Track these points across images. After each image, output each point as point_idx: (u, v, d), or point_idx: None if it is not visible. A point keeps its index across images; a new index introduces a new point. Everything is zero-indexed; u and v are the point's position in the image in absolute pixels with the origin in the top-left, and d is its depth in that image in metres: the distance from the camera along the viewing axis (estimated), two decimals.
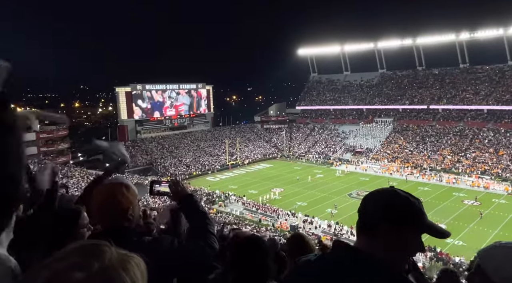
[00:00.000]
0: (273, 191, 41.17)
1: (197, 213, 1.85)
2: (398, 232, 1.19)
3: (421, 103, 61.19)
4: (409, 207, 1.22)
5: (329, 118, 70.41)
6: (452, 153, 49.94)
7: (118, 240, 1.51)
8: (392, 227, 1.18)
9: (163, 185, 2.01)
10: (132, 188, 1.74)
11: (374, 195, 1.27)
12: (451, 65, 65.01)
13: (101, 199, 1.67)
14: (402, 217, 1.19)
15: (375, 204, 1.23)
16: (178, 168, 53.25)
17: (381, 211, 1.20)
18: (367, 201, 1.26)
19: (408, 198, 1.23)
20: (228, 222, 31.22)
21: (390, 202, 1.21)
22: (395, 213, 1.19)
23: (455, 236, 27.72)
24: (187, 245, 1.70)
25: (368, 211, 1.23)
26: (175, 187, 1.94)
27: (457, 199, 36.80)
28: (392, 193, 1.25)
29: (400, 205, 1.21)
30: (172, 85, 67.97)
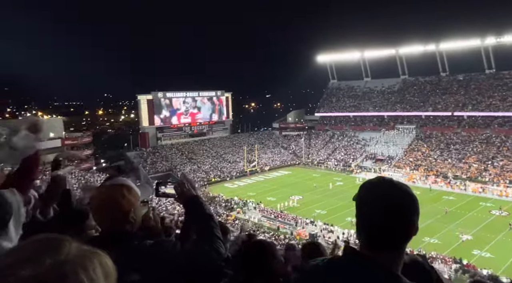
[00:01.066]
0: (292, 198, 40.80)
1: (203, 215, 1.76)
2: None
3: (445, 110, 59.47)
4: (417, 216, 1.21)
5: (349, 125, 69.45)
6: (478, 161, 48.13)
7: (118, 244, 1.48)
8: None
9: (168, 186, 1.95)
10: (134, 189, 1.67)
11: (397, 206, 1.16)
12: (477, 71, 63.06)
13: (100, 201, 1.61)
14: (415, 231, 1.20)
15: (402, 221, 1.16)
16: (197, 174, 53.72)
17: (406, 231, 1.17)
18: (390, 215, 1.14)
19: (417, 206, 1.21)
20: (247, 229, 31.13)
21: (413, 217, 1.18)
22: (415, 230, 1.19)
23: (482, 247, 26.56)
24: (191, 249, 1.61)
25: (392, 229, 1.14)
26: (181, 188, 1.87)
27: (484, 209, 35.31)
28: (414, 201, 1.19)
29: (416, 215, 1.20)
30: (192, 93, 68.99)
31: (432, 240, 28.11)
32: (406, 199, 1.17)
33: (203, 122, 69.54)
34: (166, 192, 1.96)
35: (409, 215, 1.17)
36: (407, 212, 1.17)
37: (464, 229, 29.97)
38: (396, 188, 1.18)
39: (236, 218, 34.92)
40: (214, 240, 1.65)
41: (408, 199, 1.18)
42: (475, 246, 26.87)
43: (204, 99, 70.32)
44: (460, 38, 61.39)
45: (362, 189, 1.23)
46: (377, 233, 1.15)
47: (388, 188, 1.18)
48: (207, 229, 1.69)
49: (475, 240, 27.92)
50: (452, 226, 30.94)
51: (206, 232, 1.68)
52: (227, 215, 35.44)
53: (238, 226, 30.31)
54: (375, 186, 1.21)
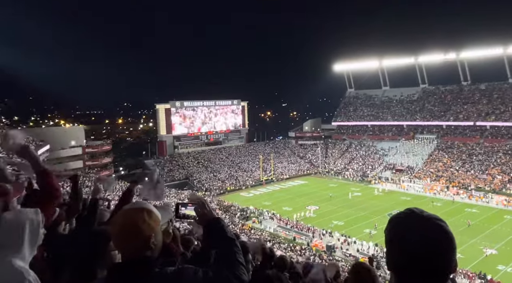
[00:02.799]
0: (308, 208, 40.29)
1: (224, 239, 1.67)
2: None
3: (467, 120, 57.87)
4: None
5: (367, 135, 68.45)
6: (502, 173, 46.39)
7: (139, 271, 1.47)
8: None
9: (188, 208, 1.90)
10: (155, 213, 1.62)
11: (434, 248, 1.09)
12: (499, 80, 61.29)
13: (120, 226, 1.56)
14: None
15: (439, 257, 1.09)
16: (213, 182, 53.92)
17: (443, 272, 1.10)
18: (426, 257, 1.07)
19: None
20: (262, 238, 30.86)
21: (451, 256, 1.11)
22: (455, 268, 1.12)
23: (508, 262, 25.40)
24: (212, 276, 1.53)
25: (427, 270, 1.08)
26: (201, 210, 1.79)
27: (509, 223, 33.87)
28: (451, 239, 1.12)
29: (454, 253, 1.14)
30: (209, 102, 69.80)
31: None
32: (443, 238, 1.10)
33: (219, 131, 70.05)
34: (187, 213, 1.91)
35: (447, 254, 1.09)
36: (445, 252, 1.09)
37: (489, 243, 28.78)
38: (431, 226, 1.10)
39: (252, 228, 34.70)
40: (236, 266, 1.57)
41: (445, 237, 1.10)
42: (500, 261, 25.72)
43: (220, 108, 70.95)
44: (482, 46, 59.96)
45: (392, 225, 1.18)
46: (408, 272, 1.09)
47: (422, 222, 1.11)
48: (229, 254, 1.62)
49: (500, 255, 26.74)
50: (475, 239, 29.77)
51: (228, 258, 1.60)
52: (243, 224, 35.26)
53: (254, 236, 30.10)
54: (404, 219, 1.15)
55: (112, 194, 33.88)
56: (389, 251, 1.16)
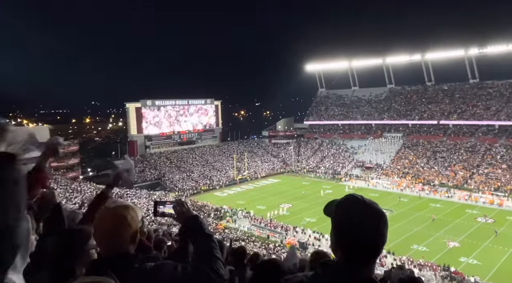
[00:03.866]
0: (281, 206, 40.74)
1: (202, 236, 1.73)
2: None
3: (431, 119, 60.66)
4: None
5: (338, 133, 70.13)
6: (463, 169, 49.06)
7: (121, 267, 1.49)
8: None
9: (167, 206, 1.94)
10: (136, 210, 1.69)
11: (372, 224, 1.30)
12: (461, 81, 64.67)
13: (110, 223, 1.61)
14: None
15: (377, 232, 1.30)
16: (186, 182, 53.27)
17: (379, 245, 1.30)
18: (366, 232, 1.28)
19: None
20: (236, 238, 30.89)
21: (384, 232, 1.32)
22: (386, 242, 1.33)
23: (469, 254, 26.91)
24: (191, 271, 1.58)
25: (368, 244, 1.28)
26: (180, 208, 1.84)
27: (470, 216, 35.88)
28: (384, 217, 1.33)
29: (386, 229, 1.34)
30: (181, 101, 68.81)
31: (420, 247, 28.36)
32: (374, 215, 1.31)
33: (192, 130, 69.26)
34: (165, 211, 1.95)
35: (382, 230, 1.31)
36: (377, 226, 1.30)
37: (451, 236, 30.35)
38: (369, 207, 1.32)
39: (226, 227, 34.62)
40: (214, 261, 1.63)
41: (376, 214, 1.31)
42: (462, 253, 27.20)
43: (193, 107, 70.15)
44: (445, 48, 63.07)
45: (338, 208, 1.36)
46: (356, 248, 1.28)
47: (362, 207, 1.31)
48: (207, 249, 1.67)
49: (462, 247, 28.28)
50: (439, 233, 31.31)
51: (206, 253, 1.66)
52: (217, 224, 35.11)
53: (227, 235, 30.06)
54: (344, 205, 1.36)
55: (78, 196, 32.70)
56: (335, 235, 1.34)
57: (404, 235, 30.88)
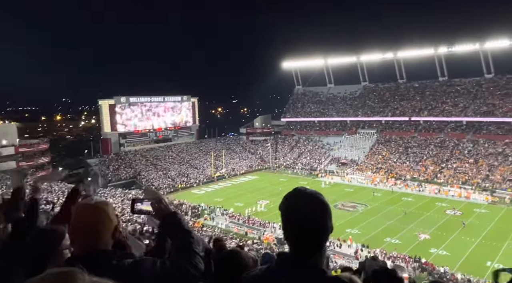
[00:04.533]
0: (259, 203, 40.95)
1: (181, 232, 1.74)
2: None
3: (403, 115, 62.61)
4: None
5: (314, 130, 71.12)
6: (433, 164, 51.02)
7: (98, 264, 1.46)
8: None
9: (145, 203, 1.91)
10: (113, 208, 1.69)
11: (312, 214, 1.34)
12: (431, 78, 67.04)
13: (86, 220, 1.58)
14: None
15: (321, 222, 1.34)
16: (163, 181, 52.48)
17: (323, 234, 1.35)
18: (307, 222, 1.33)
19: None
20: (214, 235, 30.79)
21: (327, 221, 1.36)
22: (331, 230, 1.38)
23: (439, 245, 28.08)
24: (170, 266, 1.59)
25: (310, 234, 1.33)
26: (158, 205, 1.83)
27: (440, 209, 37.41)
28: (325, 207, 1.37)
29: (329, 219, 1.39)
30: (157, 98, 67.56)
31: (393, 240, 29.32)
32: (318, 206, 1.36)
33: (168, 128, 68.21)
34: (143, 208, 1.93)
35: (323, 219, 1.35)
36: (321, 217, 1.35)
37: (422, 229, 31.57)
38: (309, 198, 1.37)
39: (204, 225, 34.43)
40: (193, 256, 1.65)
41: (319, 206, 1.36)
42: (433, 244, 28.36)
43: (169, 104, 69.06)
44: (416, 47, 65.14)
45: (282, 201, 1.42)
46: (301, 239, 1.34)
47: (302, 198, 1.37)
48: (186, 245, 1.68)
49: (433, 239, 29.47)
50: (411, 226, 32.47)
51: (185, 248, 1.67)
52: (194, 222, 34.85)
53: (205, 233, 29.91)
54: (291, 198, 1.41)
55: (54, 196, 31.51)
56: (284, 227, 1.40)
57: (378, 228, 31.83)
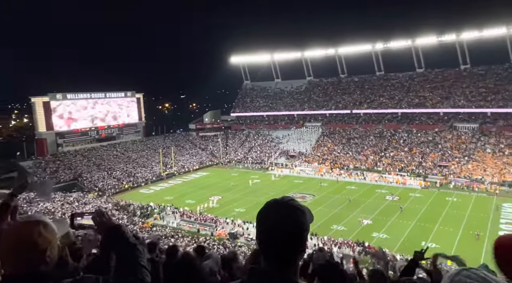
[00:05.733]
0: (211, 199, 40.79)
1: (126, 246, 1.63)
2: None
3: (345, 108, 66.03)
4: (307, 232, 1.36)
5: (263, 124, 72.25)
6: (373, 153, 54.64)
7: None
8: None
9: (85, 217, 1.86)
10: (50, 226, 1.58)
11: (287, 224, 1.29)
12: (369, 73, 71.36)
13: (14, 240, 1.49)
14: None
15: (292, 240, 1.29)
16: (107, 181, 49.90)
17: (298, 248, 1.30)
18: (282, 236, 1.28)
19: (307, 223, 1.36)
20: (165, 235, 30.12)
21: (303, 234, 1.32)
22: (306, 246, 1.34)
23: (380, 229, 30.31)
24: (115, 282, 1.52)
25: (285, 248, 1.29)
26: (100, 219, 1.74)
27: (380, 195, 40.30)
28: (301, 223, 1.32)
29: (306, 232, 1.34)
30: (98, 94, 63.81)
31: (339, 227, 31.06)
32: (294, 221, 1.31)
33: (111, 125, 64.83)
34: (83, 223, 1.84)
35: (299, 234, 1.30)
36: (296, 232, 1.30)
37: (365, 215, 33.81)
38: (285, 213, 1.31)
39: (154, 225, 33.49)
40: (139, 270, 1.57)
41: (295, 221, 1.31)
42: (374, 229, 30.55)
43: (112, 100, 65.57)
44: (355, 43, 68.82)
45: (258, 214, 1.37)
46: (273, 252, 1.30)
47: (278, 213, 1.32)
48: (131, 259, 1.59)
49: (374, 224, 31.72)
50: (354, 212, 34.61)
51: (131, 263, 1.58)
52: (143, 223, 33.76)
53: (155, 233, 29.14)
54: (266, 213, 1.35)
55: None
56: (257, 237, 1.36)
57: (325, 217, 33.45)
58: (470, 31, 57.91)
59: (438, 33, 60.78)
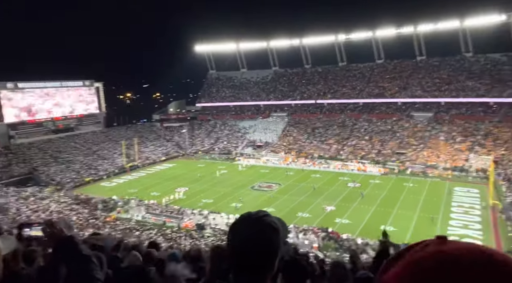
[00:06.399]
0: (177, 190, 40.30)
1: (79, 258, 1.55)
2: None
3: (309, 98, 67.27)
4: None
5: (230, 115, 71.93)
6: (336, 142, 56.36)
7: None
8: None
9: (34, 228, 1.73)
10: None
11: (257, 243, 1.21)
12: (332, 64, 72.90)
13: None
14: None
15: (262, 254, 1.22)
16: (66, 175, 47.65)
17: (270, 264, 1.23)
18: (252, 254, 1.21)
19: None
20: (129, 228, 29.50)
21: (274, 252, 1.25)
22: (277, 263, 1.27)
23: (342, 215, 31.56)
24: None
25: (255, 261, 1.22)
26: (50, 229, 1.63)
27: (343, 183, 41.81)
28: (272, 242, 1.24)
29: (278, 248, 1.27)
30: (53, 83, 60.29)
31: (304, 214, 31.96)
32: (266, 240, 1.22)
33: (69, 116, 61.67)
34: (32, 234, 1.72)
35: (269, 253, 1.23)
36: (266, 251, 1.23)
37: (328, 202, 35.00)
38: (257, 229, 1.23)
39: (117, 219, 32.61)
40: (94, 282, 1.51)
41: (267, 239, 1.23)
42: (337, 215, 31.75)
43: (69, 90, 62.21)
44: (319, 34, 69.83)
45: (231, 226, 1.30)
46: (243, 267, 1.22)
47: (250, 229, 1.23)
48: (84, 272, 1.52)
49: (337, 210, 32.95)
50: (319, 200, 35.72)
51: (84, 276, 1.51)
52: (106, 217, 32.75)
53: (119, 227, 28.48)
54: (239, 226, 1.27)
55: None
56: (228, 249, 1.28)
57: (291, 205, 34.28)
58: (426, 24, 60.66)
59: (397, 26, 63.10)
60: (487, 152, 44.39)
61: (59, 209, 32.54)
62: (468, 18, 56.84)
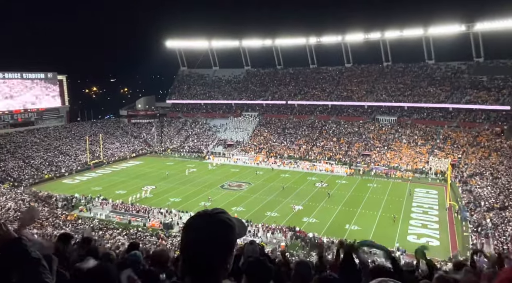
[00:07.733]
0: (144, 189, 39.33)
1: (28, 261, 1.46)
2: None
3: (281, 99, 67.96)
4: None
5: (201, 113, 71.16)
6: (306, 143, 57.37)
7: None
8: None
9: None
10: None
11: (212, 239, 1.22)
12: (303, 66, 74.08)
13: None
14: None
15: (216, 252, 1.23)
16: (24, 171, 45.11)
17: (223, 262, 1.24)
18: (203, 254, 1.21)
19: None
20: (92, 227, 28.39)
21: (228, 249, 1.26)
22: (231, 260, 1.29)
23: (310, 215, 32.19)
24: None
25: (208, 259, 1.22)
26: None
27: (311, 183, 42.66)
28: (228, 236, 1.26)
29: (230, 245, 1.28)
30: (12, 74, 56.83)
31: (272, 213, 32.26)
32: (220, 237, 1.24)
33: (30, 109, 58.42)
34: None
35: (223, 251, 1.24)
36: (220, 248, 1.23)
37: (296, 201, 35.56)
38: (212, 227, 1.24)
39: (79, 217, 31.30)
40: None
41: (222, 237, 1.24)
42: (305, 214, 32.34)
43: (29, 81, 58.90)
44: (291, 36, 70.73)
45: (185, 223, 1.29)
46: (195, 265, 1.22)
47: (205, 226, 1.24)
48: (33, 276, 1.44)
49: (305, 209, 33.56)
50: (287, 199, 36.21)
51: (33, 280, 1.43)
52: (67, 215, 31.34)
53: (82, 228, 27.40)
54: (194, 223, 1.27)
55: None
56: (180, 246, 1.28)
57: (260, 204, 34.48)
58: (392, 31, 63.13)
59: (365, 31, 65.22)
60: (446, 155, 46.97)
61: (15, 207, 30.73)
62: (431, 27, 59.73)
